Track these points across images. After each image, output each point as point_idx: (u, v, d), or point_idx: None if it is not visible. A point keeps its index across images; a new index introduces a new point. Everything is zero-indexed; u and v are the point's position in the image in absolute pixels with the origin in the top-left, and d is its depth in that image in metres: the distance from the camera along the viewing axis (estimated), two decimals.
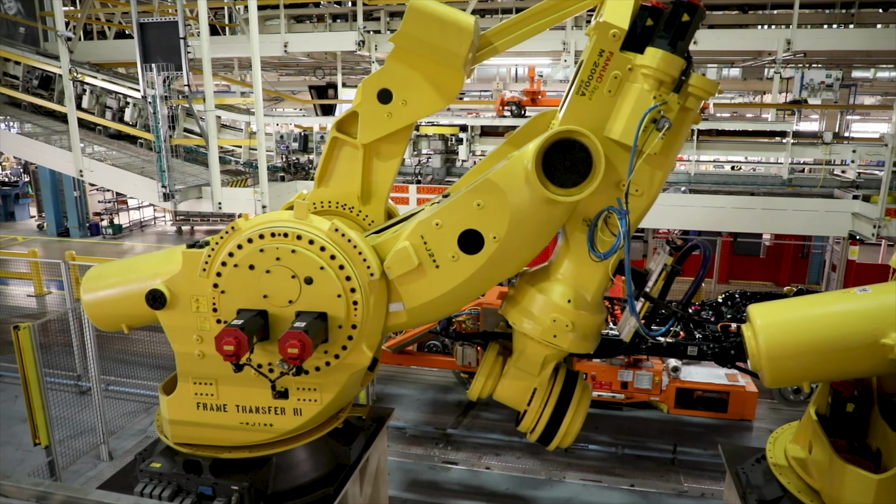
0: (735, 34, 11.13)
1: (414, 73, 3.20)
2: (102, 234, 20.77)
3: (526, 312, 3.31)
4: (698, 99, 2.93)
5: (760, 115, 20.82)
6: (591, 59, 2.92)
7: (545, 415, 3.47)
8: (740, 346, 6.71)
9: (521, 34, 3.27)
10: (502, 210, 3.02)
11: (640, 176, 3.01)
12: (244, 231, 3.18)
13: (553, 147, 2.89)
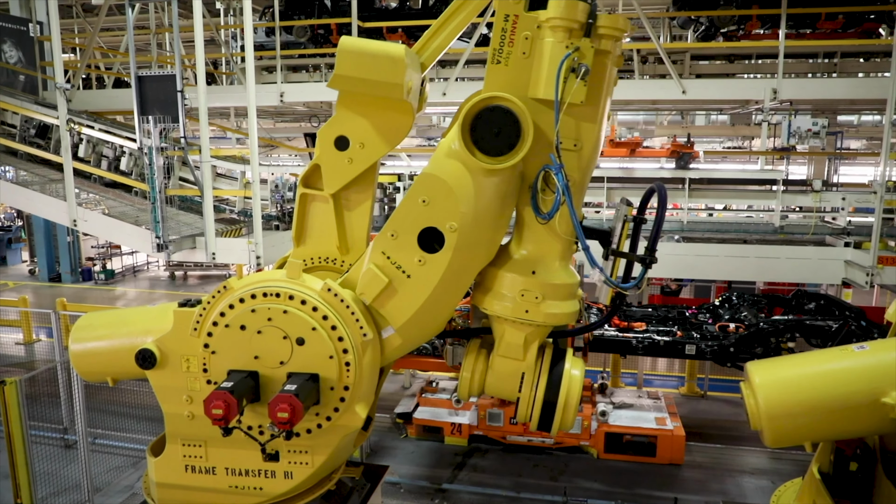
0: (722, 84, 11.37)
1: (363, 114, 3.20)
2: (94, 279, 20.65)
3: (495, 295, 3.21)
4: (611, 39, 2.88)
5: (750, 159, 21.12)
6: (498, 26, 2.93)
7: (538, 398, 3.32)
8: (739, 344, 6.69)
9: (440, 43, 3.26)
10: (447, 197, 2.94)
11: (573, 129, 2.95)
12: (236, 290, 3.15)
13: (477, 118, 2.85)
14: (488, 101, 2.84)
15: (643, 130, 23.24)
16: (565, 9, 2.77)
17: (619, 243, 3.23)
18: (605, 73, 2.93)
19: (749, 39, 11.82)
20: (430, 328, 3.32)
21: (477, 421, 8.55)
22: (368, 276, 3.11)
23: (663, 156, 12.19)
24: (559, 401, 3.30)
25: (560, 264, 3.20)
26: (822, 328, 6.62)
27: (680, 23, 12.98)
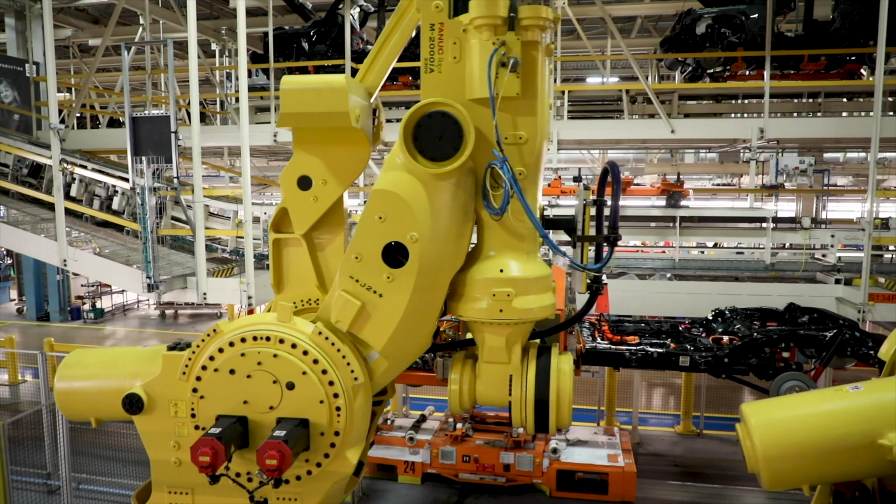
0: (710, 123, 11.58)
1: (320, 151, 3.21)
2: (83, 318, 20.43)
3: (467, 300, 3.16)
4: (536, 29, 2.91)
5: (739, 197, 21.35)
6: (425, 36, 2.97)
7: (529, 399, 3.24)
8: (734, 354, 6.63)
9: (381, 66, 3.28)
10: (403, 210, 2.93)
11: (516, 122, 2.97)
12: (226, 334, 3.11)
13: (418, 127, 2.86)
14: (426, 108, 2.87)
15: (633, 168, 23.53)
16: (486, 7, 2.83)
17: (583, 228, 3.23)
18: (536, 64, 2.96)
19: (735, 80, 12.09)
20: (415, 345, 3.27)
21: (430, 459, 8.46)
22: (341, 303, 3.09)
23: (654, 194, 12.34)
24: (551, 398, 3.24)
25: (527, 258, 3.17)
26: (816, 338, 6.58)
27: (667, 64, 13.27)
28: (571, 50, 20.11)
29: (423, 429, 9.02)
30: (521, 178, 2.99)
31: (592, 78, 22.95)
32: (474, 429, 8.66)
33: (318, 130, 3.14)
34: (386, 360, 3.20)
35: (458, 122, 2.84)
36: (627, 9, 17.76)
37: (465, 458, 8.24)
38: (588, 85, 22.85)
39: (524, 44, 2.88)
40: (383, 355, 3.18)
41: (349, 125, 3.01)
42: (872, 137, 8.24)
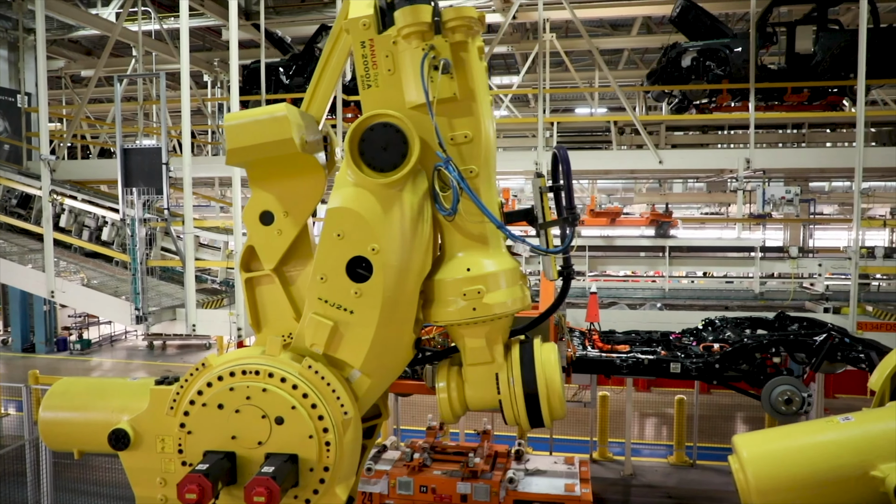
0: (698, 154, 11.75)
1: (275, 183, 3.20)
2: (70, 349, 20.18)
3: (439, 304, 3.12)
4: (463, 29, 2.93)
5: (728, 226, 21.55)
6: (358, 54, 3.00)
7: (517, 394, 3.16)
8: (724, 360, 6.58)
9: (324, 91, 3.29)
10: (359, 224, 2.93)
11: (459, 122, 2.99)
12: (215, 368, 3.08)
13: (362, 141, 2.89)
14: (367, 121, 2.91)
15: (622, 198, 23.74)
16: (410, 16, 2.87)
17: (543, 215, 3.21)
18: (468, 62, 2.99)
19: (721, 111, 12.30)
20: (395, 357, 3.22)
21: (388, 489, 8.37)
22: (313, 325, 3.06)
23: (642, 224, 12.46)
24: (540, 389, 3.17)
25: (492, 252, 3.14)
26: (806, 342, 6.61)
27: (654, 96, 13.50)
28: (560, 81, 20.43)
29: (383, 459, 8.95)
30: (473, 176, 3.02)
31: (581, 109, 23.27)
32: (433, 458, 8.61)
33: (270, 163, 3.14)
34: (368, 378, 3.15)
35: (400, 131, 2.89)
36: (614, 42, 18.12)
37: (423, 489, 8.17)
38: (577, 116, 23.17)
39: (453, 45, 2.93)
40: (364, 373, 3.14)
41: (297, 151, 3.01)
42: (856, 168, 8.38)
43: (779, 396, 6.27)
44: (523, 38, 17.44)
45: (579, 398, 11.32)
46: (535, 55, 14.50)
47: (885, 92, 15.58)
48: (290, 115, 3.00)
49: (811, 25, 11.68)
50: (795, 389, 6.24)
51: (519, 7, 12.45)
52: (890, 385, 3.74)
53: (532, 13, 13.42)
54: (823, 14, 11.54)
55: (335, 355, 3.11)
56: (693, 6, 12.00)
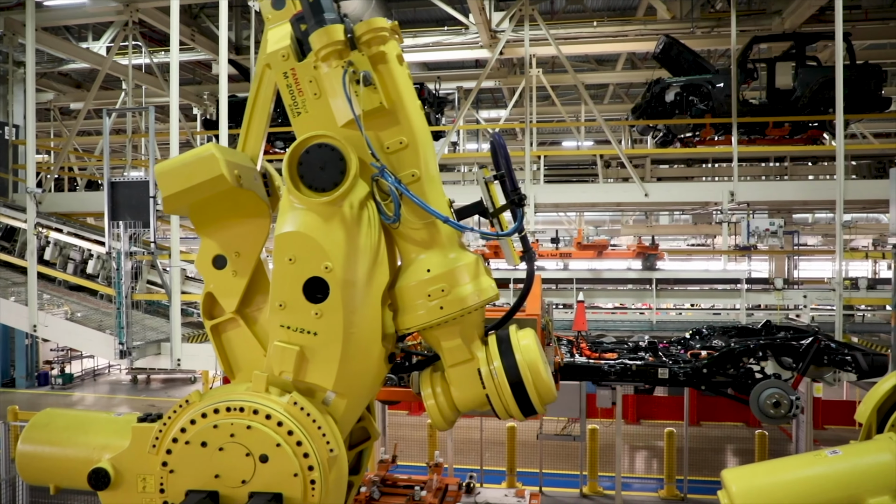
0: (683, 187, 11.91)
1: (220, 226, 3.23)
2: (51, 384, 19.80)
3: (406, 310, 3.12)
4: (377, 41, 3.01)
5: (714, 257, 21.74)
6: (283, 85, 3.07)
7: (502, 385, 3.14)
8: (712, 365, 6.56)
9: (256, 130, 3.34)
10: (309, 246, 2.94)
11: (391, 130, 3.04)
12: (198, 405, 3.04)
13: (300, 165, 2.92)
14: (302, 145, 2.94)
15: (609, 230, 23.91)
16: (325, 37, 2.94)
17: (492, 203, 3.25)
18: (389, 72, 3.06)
19: (705, 145, 12.51)
20: (368, 374, 3.20)
21: None
22: (278, 353, 3.04)
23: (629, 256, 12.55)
24: (523, 375, 3.16)
25: (449, 250, 3.17)
26: (793, 346, 6.63)
27: (639, 130, 13.71)
28: (547, 115, 20.73)
29: None
30: (415, 180, 3.06)
31: (568, 142, 23.56)
32: (381, 492, 8.45)
33: (210, 205, 3.16)
34: (344, 397, 3.13)
35: (335, 149, 2.92)
36: (599, 77, 18.45)
37: None
38: (564, 149, 23.45)
39: (371, 58, 3.01)
40: (339, 393, 3.11)
41: (231, 187, 3.04)
42: (837, 200, 8.51)
43: (767, 400, 6.27)
44: (510, 73, 17.73)
45: (568, 431, 11.24)
46: (521, 90, 14.74)
47: (864, 126, 15.93)
48: (217, 154, 3.02)
49: (790, 62, 11.98)
50: (783, 392, 6.26)
51: (506, 43, 12.68)
52: (876, 417, 3.76)
53: (519, 49, 13.67)
54: (801, 51, 11.85)
55: (306, 380, 3.09)
56: (675, 43, 12.29)
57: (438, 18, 16.06)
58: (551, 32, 12.03)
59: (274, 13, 3.17)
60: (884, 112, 11.84)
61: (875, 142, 15.28)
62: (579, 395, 10.83)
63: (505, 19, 13.35)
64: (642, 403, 16.63)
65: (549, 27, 12.20)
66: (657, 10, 13.60)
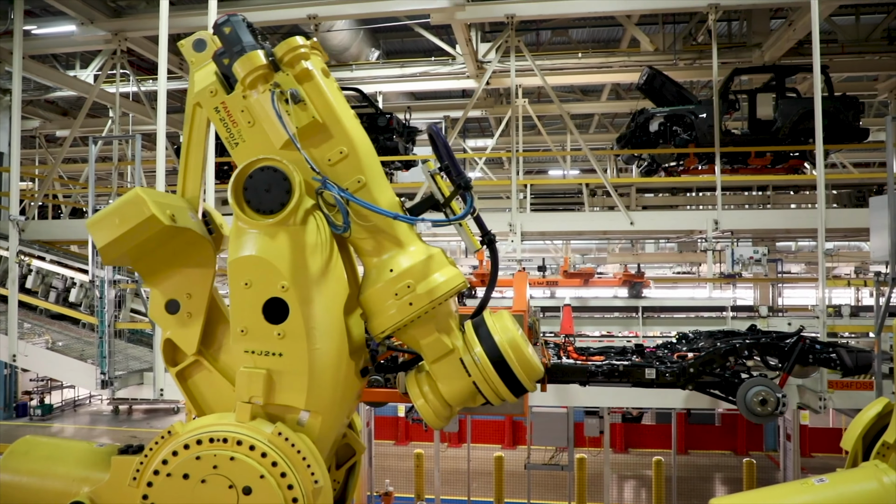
0: (668, 215, 12.03)
1: (165, 271, 3.21)
2: (30, 415, 19.40)
3: (377, 314, 3.08)
4: (299, 58, 3.04)
5: (699, 285, 21.88)
6: (216, 120, 3.11)
7: (486, 367, 3.08)
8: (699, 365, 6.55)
9: (192, 168, 3.35)
10: (262, 267, 2.92)
11: (331, 142, 3.07)
12: (181, 436, 2.98)
13: (245, 190, 2.92)
14: (245, 170, 2.94)
15: (596, 258, 24.05)
16: (247, 64, 2.99)
17: (441, 195, 3.24)
18: (316, 87, 3.09)
19: (689, 174, 12.68)
20: (340, 388, 3.13)
21: None
22: (245, 379, 2.99)
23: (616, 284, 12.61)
24: (505, 353, 3.10)
25: (407, 247, 3.13)
26: (778, 345, 6.70)
27: (624, 159, 13.91)
28: (533, 145, 20.96)
29: None
30: (361, 186, 3.08)
31: (554, 171, 23.79)
32: None
33: (149, 250, 3.13)
34: (318, 415, 3.06)
35: (278, 170, 2.93)
36: (585, 107, 18.75)
37: None
38: (550, 178, 23.66)
39: (296, 76, 3.05)
40: (312, 411, 3.06)
41: (166, 226, 3.02)
42: (819, 229, 8.63)
43: (754, 398, 6.29)
44: (497, 103, 17.97)
45: (556, 461, 11.15)
46: (508, 119, 14.91)
47: (844, 156, 16.24)
48: (144, 195, 3.02)
49: (771, 93, 12.25)
50: (770, 390, 6.27)
51: (492, 74, 12.86)
52: (862, 444, 3.78)
53: (505, 79, 13.88)
54: (781, 83, 12.12)
55: (277, 402, 3.03)
56: (659, 74, 12.53)
57: (426, 49, 16.31)
58: (537, 63, 12.23)
59: (197, 55, 3.23)
60: (862, 142, 12.09)
61: (855, 171, 15.57)
62: (567, 423, 10.78)
63: (491, 50, 13.58)
64: (630, 432, 16.57)
65: (534, 58, 12.40)
66: (640, 42, 13.90)
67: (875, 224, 7.63)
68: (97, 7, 11.71)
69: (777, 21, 14.00)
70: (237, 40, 3.07)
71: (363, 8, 11.69)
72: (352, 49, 14.39)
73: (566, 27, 16.36)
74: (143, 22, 11.94)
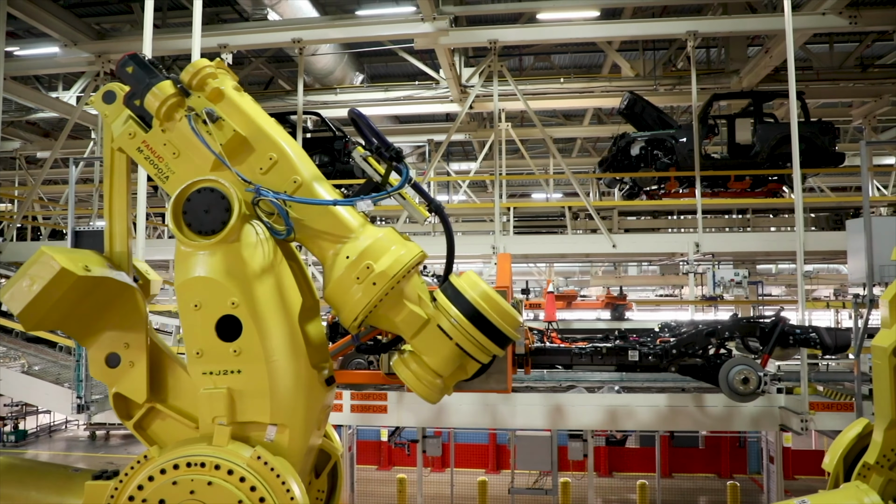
0: (649, 238, 12.14)
1: (95, 326, 3.19)
2: (3, 441, 18.93)
3: (345, 304, 3.05)
4: (207, 78, 3.10)
5: (681, 307, 22.02)
6: (142, 161, 3.14)
7: (465, 324, 3.06)
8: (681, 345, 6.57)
9: (119, 224, 3.33)
10: (210, 286, 2.93)
11: (258, 152, 3.10)
12: (157, 461, 2.92)
13: (184, 213, 2.94)
14: (181, 195, 2.95)
15: (579, 280, 24.16)
16: (157, 96, 3.05)
17: (378, 175, 3.26)
18: (231, 101, 3.14)
19: (670, 197, 12.83)
20: (303, 397, 3.09)
21: None
22: (207, 401, 2.97)
23: (598, 307, 12.67)
24: (479, 307, 3.07)
25: (357, 233, 3.12)
26: (759, 326, 6.79)
27: (606, 183, 14.05)
28: (516, 168, 21.12)
29: None
30: (298, 186, 3.10)
31: (537, 194, 23.97)
32: None
33: (75, 310, 3.09)
34: (286, 429, 3.02)
35: (215, 190, 2.96)
36: (567, 131, 18.97)
37: None
38: (533, 201, 23.83)
39: (208, 97, 3.10)
40: (279, 425, 3.02)
41: (80, 276, 2.97)
42: (797, 252, 8.75)
43: (736, 376, 6.33)
44: (480, 127, 18.13)
45: (540, 485, 11.06)
46: (491, 143, 15.05)
47: (821, 180, 16.55)
48: (49, 251, 2.98)
49: (749, 118, 12.48)
50: (751, 369, 6.33)
51: (476, 98, 12.99)
52: (843, 465, 3.79)
53: (488, 104, 14.01)
54: (759, 108, 12.37)
55: (242, 419, 3.01)
56: (640, 99, 12.73)
57: (410, 73, 16.46)
58: (520, 88, 12.38)
59: (109, 107, 3.25)
60: (838, 167, 12.33)
61: (832, 195, 15.86)
62: (551, 447, 10.72)
63: (475, 75, 13.73)
64: (614, 455, 16.51)
65: (517, 83, 12.56)
66: (621, 67, 14.14)
67: (852, 247, 7.75)
68: (81, 29, 11.72)
69: (754, 48, 14.33)
70: (142, 77, 3.14)
71: (348, 32, 11.80)
72: (336, 73, 14.49)
73: (549, 52, 16.61)
74: (127, 44, 11.94)
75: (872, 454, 3.53)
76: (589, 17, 11.73)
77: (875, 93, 14.46)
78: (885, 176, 17.83)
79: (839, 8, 10.44)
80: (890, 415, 3.47)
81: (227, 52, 11.34)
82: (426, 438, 12.68)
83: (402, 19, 11.40)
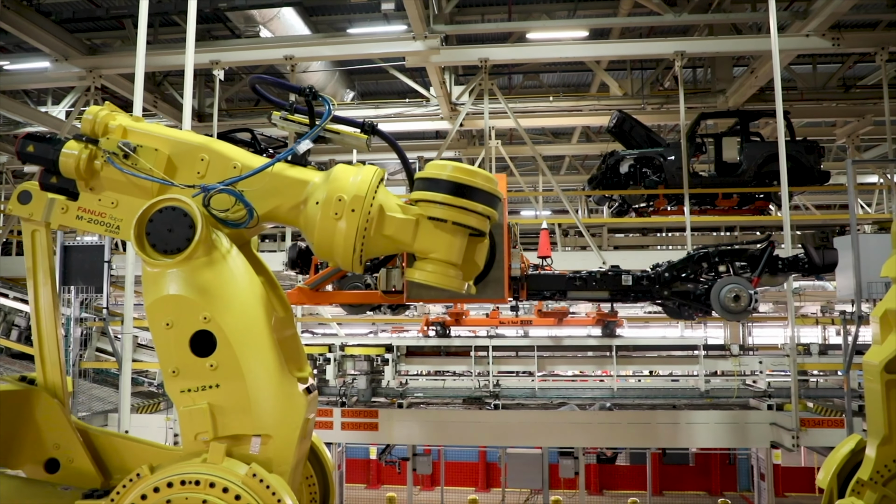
0: (639, 255, 12.20)
1: (13, 442, 3.29)
2: None
3: (338, 244, 3.05)
4: (105, 121, 3.16)
5: (672, 324, 22.08)
6: (86, 225, 3.24)
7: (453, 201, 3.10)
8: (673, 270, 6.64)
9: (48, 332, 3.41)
10: (180, 304, 2.94)
11: (188, 164, 3.16)
12: (150, 479, 2.88)
13: (148, 235, 2.96)
14: (143, 218, 2.97)
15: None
16: (70, 158, 3.12)
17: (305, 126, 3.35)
18: (133, 130, 3.21)
19: (658, 215, 12.92)
20: (281, 404, 3.09)
21: None
22: (187, 417, 2.97)
23: (589, 324, 12.67)
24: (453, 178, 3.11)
25: (313, 179, 3.18)
26: (748, 251, 6.83)
27: (596, 200, 14.12)
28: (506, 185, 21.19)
29: None
30: (240, 168, 3.16)
31: (526, 211, 24.06)
32: None
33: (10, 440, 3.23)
34: (269, 439, 3.02)
35: (175, 208, 2.98)
36: (556, 149, 19.13)
37: None
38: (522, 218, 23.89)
39: (115, 135, 3.16)
40: (263, 434, 3.01)
41: None
42: None
43: (727, 294, 6.36)
44: (470, 144, 18.23)
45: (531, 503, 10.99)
46: (481, 160, 15.13)
47: (807, 198, 16.75)
48: None
49: (736, 137, 12.64)
50: (742, 287, 6.36)
51: (466, 115, 13.09)
52: (837, 482, 3.80)
53: (478, 121, 14.12)
54: (746, 127, 12.53)
55: (226, 433, 2.99)
56: (628, 117, 12.86)
57: (400, 91, 16.55)
58: (510, 106, 12.48)
59: (31, 206, 3.29)
60: (824, 185, 12.50)
61: (817, 213, 16.05)
62: (542, 465, 10.67)
63: (465, 93, 13.84)
64: (605, 473, 16.45)
65: (507, 101, 12.66)
66: (610, 86, 14.31)
67: (840, 264, 7.83)
68: (72, 44, 11.70)
69: (739, 69, 14.56)
70: (46, 148, 3.20)
71: (339, 50, 11.86)
72: (327, 90, 14.55)
73: (538, 71, 16.78)
74: (118, 59, 11.94)
75: (866, 470, 3.54)
76: (578, 36, 11.88)
77: (858, 112, 14.71)
78: (867, 194, 18.10)
79: (822, 30, 10.64)
80: (883, 431, 3.49)
81: (218, 68, 11.34)
82: (416, 456, 12.58)
83: (394, 38, 11.49)
